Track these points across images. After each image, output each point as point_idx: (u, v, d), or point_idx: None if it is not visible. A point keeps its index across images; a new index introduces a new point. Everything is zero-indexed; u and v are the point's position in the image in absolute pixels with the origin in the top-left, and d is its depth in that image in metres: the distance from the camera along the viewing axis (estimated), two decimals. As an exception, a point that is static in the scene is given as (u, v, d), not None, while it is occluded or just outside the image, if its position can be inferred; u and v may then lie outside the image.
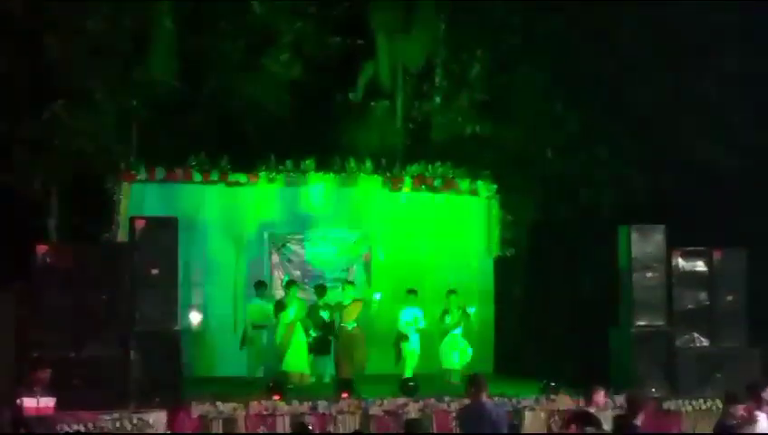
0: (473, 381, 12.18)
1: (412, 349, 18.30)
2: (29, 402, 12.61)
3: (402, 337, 18.35)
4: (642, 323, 17.06)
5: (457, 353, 18.22)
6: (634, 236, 17.16)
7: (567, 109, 19.74)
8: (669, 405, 16.47)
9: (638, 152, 18.84)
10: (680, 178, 18.46)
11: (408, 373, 17.95)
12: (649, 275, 17.17)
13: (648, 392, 16.48)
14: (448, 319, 18.28)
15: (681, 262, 17.43)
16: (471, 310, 18.60)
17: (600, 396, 12.31)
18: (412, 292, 18.52)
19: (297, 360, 17.61)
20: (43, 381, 12.76)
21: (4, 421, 14.21)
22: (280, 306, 17.79)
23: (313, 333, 17.95)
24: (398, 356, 18.39)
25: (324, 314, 18.13)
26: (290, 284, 18.22)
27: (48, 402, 12.76)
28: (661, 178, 18.34)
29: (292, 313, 17.65)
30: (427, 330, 18.74)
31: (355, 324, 18.08)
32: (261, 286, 18.37)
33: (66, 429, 14.11)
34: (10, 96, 16.48)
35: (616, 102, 18.87)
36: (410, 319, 18.35)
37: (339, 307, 18.18)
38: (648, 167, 18.60)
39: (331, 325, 18.11)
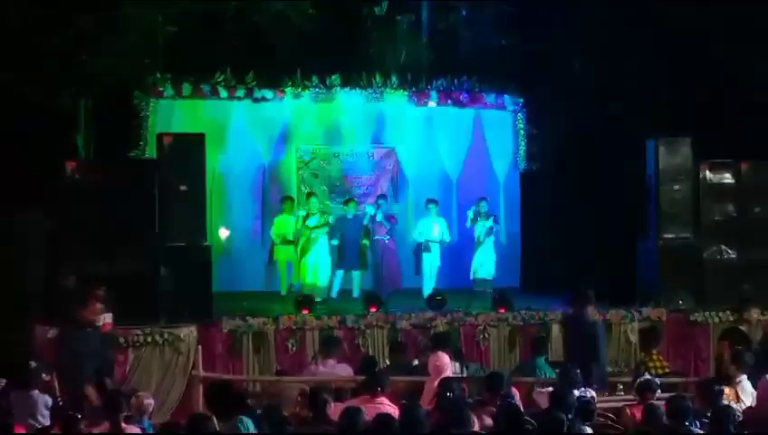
0: (579, 294, 13.39)
1: (431, 261, 18.37)
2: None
3: (420, 248, 18.43)
4: (669, 235, 17.05)
5: (488, 264, 18.32)
6: (661, 148, 17.09)
7: (594, 20, 19.52)
8: (696, 317, 16.51)
9: (667, 64, 18.66)
10: (708, 89, 18.29)
11: (428, 285, 18.06)
12: (677, 187, 17.12)
13: (675, 305, 16.63)
14: (478, 228, 18.34)
15: (709, 174, 17.37)
16: (496, 224, 18.68)
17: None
18: (432, 201, 18.54)
19: (319, 273, 17.73)
20: (100, 297, 12.85)
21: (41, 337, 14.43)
22: (304, 220, 17.88)
23: (335, 243, 18.02)
24: (418, 267, 18.49)
25: (353, 228, 18.20)
26: (309, 195, 18.31)
27: (106, 318, 12.87)
28: (689, 89, 18.17)
29: (313, 224, 17.73)
30: (455, 242, 18.87)
31: (388, 238, 18.16)
32: (287, 201, 18.41)
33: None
34: (38, 10, 16.43)
35: (644, 13, 18.65)
36: (427, 229, 18.38)
37: (370, 221, 18.22)
38: (676, 79, 18.43)
39: (360, 239, 18.21)
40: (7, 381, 12.01)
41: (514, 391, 11.50)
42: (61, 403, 11.28)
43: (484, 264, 18.51)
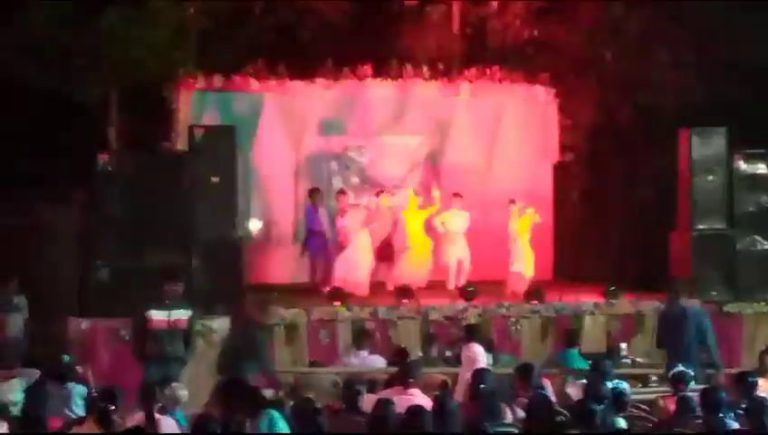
0: (672, 286, 13.63)
1: (456, 253, 18.31)
2: (158, 316, 12.69)
3: (443, 240, 18.38)
4: (703, 226, 16.98)
5: (525, 260, 18.23)
6: (695, 139, 17.02)
7: (627, 11, 19.43)
8: (730, 308, 16.43)
9: (699, 55, 18.56)
10: (741, 80, 18.18)
11: (452, 277, 18.02)
12: (710, 178, 17.06)
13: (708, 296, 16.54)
14: (515, 225, 18.28)
15: (742, 164, 17.28)
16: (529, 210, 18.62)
17: None
18: (457, 195, 18.48)
19: (354, 266, 17.70)
20: (174, 293, 12.83)
21: (70, 332, 14.51)
22: (341, 213, 17.86)
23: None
24: (442, 259, 18.43)
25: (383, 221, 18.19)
26: (340, 193, 18.27)
27: (181, 316, 12.82)
28: (722, 80, 18.07)
29: (346, 219, 17.71)
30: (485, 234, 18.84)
31: (420, 230, 18.14)
32: (315, 193, 18.36)
33: (127, 336, 14.34)
34: (69, 4, 16.50)
35: (677, 2, 18.54)
36: (451, 222, 18.31)
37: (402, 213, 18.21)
38: (708, 69, 18.33)
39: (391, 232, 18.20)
40: (42, 373, 12.07)
41: (546, 382, 11.47)
42: (95, 395, 11.30)
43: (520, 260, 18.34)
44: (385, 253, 18.26)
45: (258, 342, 13.14)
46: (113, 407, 9.79)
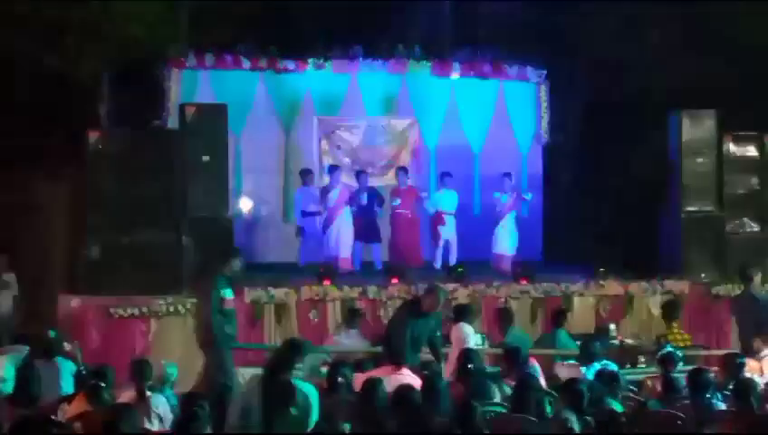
0: (743, 275, 13.72)
1: (446, 233, 18.36)
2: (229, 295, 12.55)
3: (435, 220, 18.42)
4: (692, 208, 17.04)
5: (510, 239, 18.28)
6: (685, 120, 17.07)
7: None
8: (719, 290, 16.49)
9: (690, 36, 18.56)
10: (732, 62, 18.19)
11: (440, 257, 18.09)
12: (700, 160, 17.12)
13: (697, 278, 16.61)
14: (502, 201, 18.32)
15: (732, 147, 17.36)
16: (529, 196, 18.67)
17: None
18: (446, 174, 18.51)
19: (342, 245, 17.73)
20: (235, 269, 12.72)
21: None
22: (324, 192, 17.87)
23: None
24: (434, 240, 18.48)
25: (371, 201, 18.20)
26: (332, 169, 18.30)
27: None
28: (713, 62, 18.07)
29: (335, 198, 17.73)
30: (477, 215, 18.89)
31: (407, 210, 18.17)
32: (307, 174, 18.35)
33: (120, 312, 14.38)
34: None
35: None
36: (441, 202, 18.34)
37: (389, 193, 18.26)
38: (699, 51, 18.33)
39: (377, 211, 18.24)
40: (30, 349, 12.09)
41: (534, 362, 11.52)
42: (84, 372, 11.32)
43: (505, 238, 18.41)
44: (372, 233, 18.29)
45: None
46: (103, 384, 9.83)
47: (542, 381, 10.72)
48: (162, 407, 9.92)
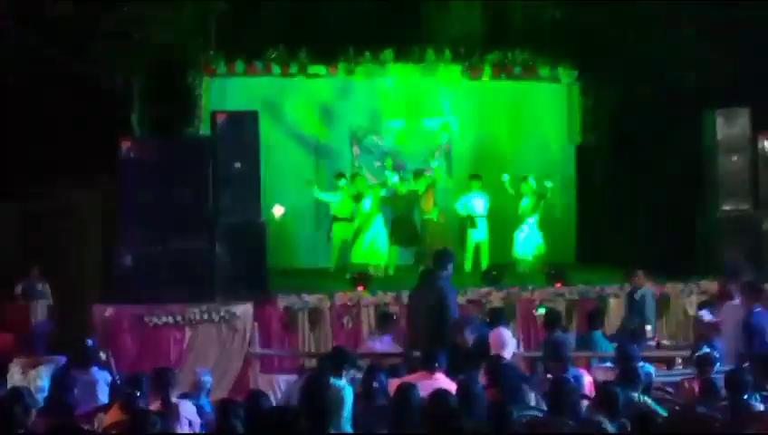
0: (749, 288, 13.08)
1: (476, 236, 18.28)
2: None
3: (465, 223, 18.34)
4: (728, 207, 16.93)
5: (530, 244, 18.17)
6: (719, 119, 16.95)
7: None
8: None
9: (725, 34, 18.43)
10: (764, 59, 18.05)
11: (469, 260, 18.01)
12: (735, 158, 16.99)
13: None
14: (522, 205, 18.25)
15: (767, 145, 17.18)
16: (548, 184, 18.54)
17: None
18: (475, 177, 18.46)
19: (374, 251, 17.69)
20: None
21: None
22: (357, 198, 17.85)
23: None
24: (462, 243, 18.40)
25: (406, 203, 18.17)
26: (354, 176, 18.26)
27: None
28: (747, 60, 17.94)
29: (367, 203, 17.70)
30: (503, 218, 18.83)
31: (437, 213, 18.11)
32: (339, 178, 18.33)
33: (155, 321, 14.38)
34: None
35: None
36: (471, 204, 18.28)
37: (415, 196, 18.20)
38: (734, 49, 18.20)
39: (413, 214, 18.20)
40: (67, 359, 12.11)
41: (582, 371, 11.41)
42: (119, 382, 11.34)
43: (524, 243, 18.32)
44: (407, 236, 18.25)
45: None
46: (138, 393, 9.83)
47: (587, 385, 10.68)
48: (191, 413, 9.91)
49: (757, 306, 12.88)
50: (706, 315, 14.33)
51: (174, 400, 9.92)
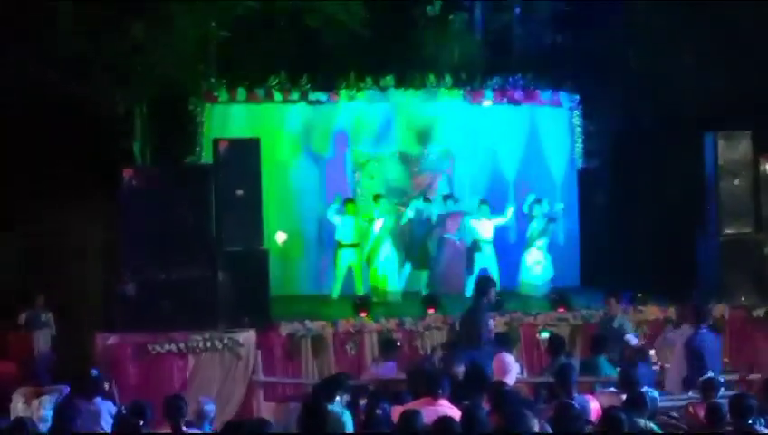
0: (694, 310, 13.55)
1: (483, 261, 18.27)
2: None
3: (473, 248, 18.33)
4: (730, 230, 16.88)
5: (539, 267, 18.15)
6: (720, 142, 16.93)
7: (649, 14, 19.37)
8: (759, 313, 16.33)
9: (725, 56, 18.47)
10: (765, 82, 18.08)
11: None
12: (736, 181, 16.95)
13: (737, 301, 16.44)
14: (532, 228, 18.23)
15: (768, 168, 17.18)
16: (560, 205, 18.55)
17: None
18: (484, 202, 18.47)
19: (385, 276, 17.68)
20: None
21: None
22: (369, 222, 17.86)
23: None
24: (470, 267, 18.36)
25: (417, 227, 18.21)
26: (377, 197, 18.27)
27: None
28: (748, 82, 17.97)
29: (381, 227, 17.71)
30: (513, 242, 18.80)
31: (459, 238, 18.13)
32: (348, 203, 18.31)
33: (158, 349, 14.36)
34: (92, 20, 16.55)
35: (700, 6, 18.44)
36: (478, 229, 18.29)
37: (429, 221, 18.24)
38: (734, 72, 18.23)
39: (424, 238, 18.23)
40: (71, 389, 12.08)
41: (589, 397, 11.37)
42: (123, 411, 11.30)
43: (533, 266, 18.30)
44: (418, 260, 18.27)
45: None
46: (142, 422, 9.81)
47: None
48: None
49: (702, 328, 13.20)
50: (633, 340, 14.63)
51: (184, 429, 9.91)
